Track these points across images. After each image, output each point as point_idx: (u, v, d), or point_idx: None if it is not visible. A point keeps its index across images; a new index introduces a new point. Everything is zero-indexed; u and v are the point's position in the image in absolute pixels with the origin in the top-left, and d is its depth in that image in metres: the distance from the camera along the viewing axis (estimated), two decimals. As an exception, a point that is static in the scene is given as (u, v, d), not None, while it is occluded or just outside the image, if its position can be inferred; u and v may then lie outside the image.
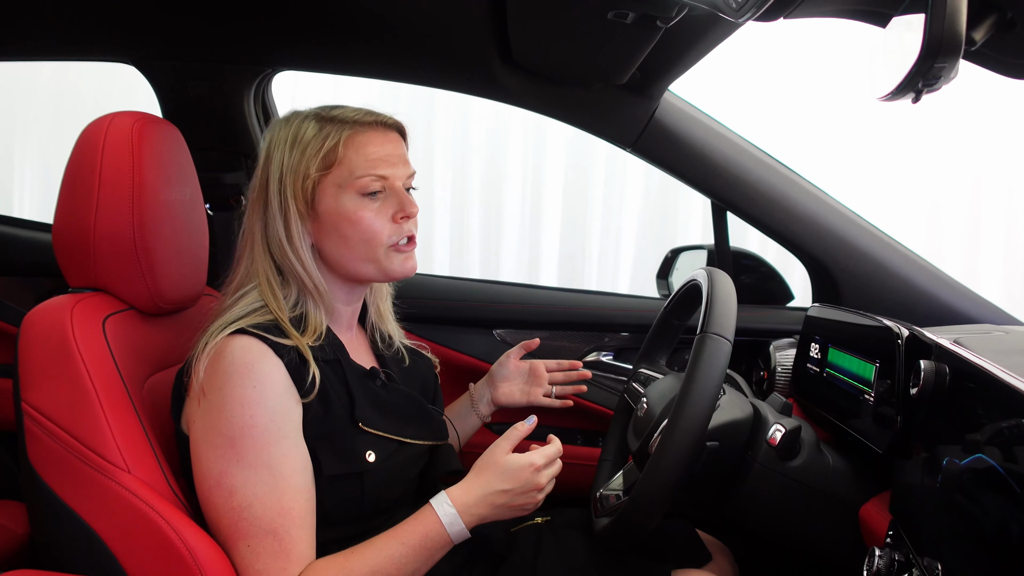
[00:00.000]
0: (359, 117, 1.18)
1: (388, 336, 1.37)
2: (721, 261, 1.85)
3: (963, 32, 0.74)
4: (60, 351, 1.08)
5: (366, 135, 1.17)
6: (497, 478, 1.14)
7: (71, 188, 1.17)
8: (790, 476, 1.21)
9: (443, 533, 1.12)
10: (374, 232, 1.16)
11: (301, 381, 1.09)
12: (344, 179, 1.15)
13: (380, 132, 1.19)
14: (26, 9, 1.60)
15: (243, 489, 1.05)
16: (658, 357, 1.51)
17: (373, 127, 1.18)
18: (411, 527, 1.13)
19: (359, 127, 1.17)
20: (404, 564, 1.10)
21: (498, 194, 3.42)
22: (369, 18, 1.54)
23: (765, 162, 1.72)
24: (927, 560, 0.95)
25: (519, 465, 1.14)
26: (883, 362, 1.21)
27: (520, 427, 1.21)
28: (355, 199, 1.15)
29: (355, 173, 1.15)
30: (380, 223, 1.16)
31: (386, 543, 1.11)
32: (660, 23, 1.17)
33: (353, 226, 1.15)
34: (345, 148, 1.15)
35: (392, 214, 1.17)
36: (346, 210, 1.15)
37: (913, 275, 1.70)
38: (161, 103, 1.84)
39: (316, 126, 1.16)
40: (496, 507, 1.14)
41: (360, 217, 1.15)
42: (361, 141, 1.16)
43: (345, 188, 1.15)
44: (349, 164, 1.15)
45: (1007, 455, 0.83)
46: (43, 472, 1.06)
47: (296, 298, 1.17)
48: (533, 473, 1.15)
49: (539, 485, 1.15)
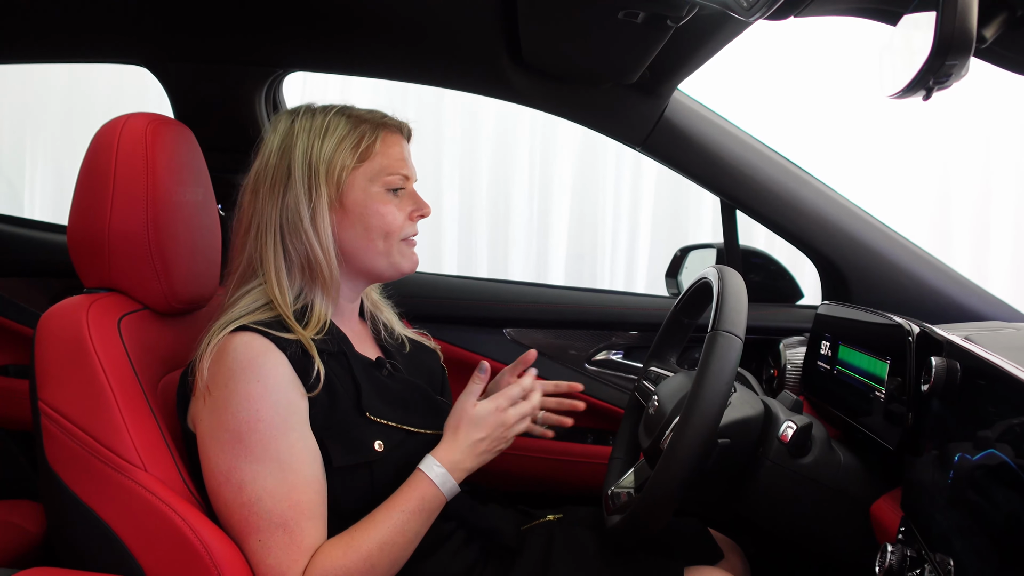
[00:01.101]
0: (383, 118, 1.25)
1: (389, 325, 1.40)
2: (731, 259, 1.86)
3: (974, 30, 0.74)
4: (76, 351, 1.09)
5: (393, 136, 1.24)
6: (472, 429, 1.20)
7: (86, 189, 1.18)
8: (801, 473, 1.21)
9: (437, 493, 1.16)
10: (395, 225, 1.22)
11: (305, 374, 1.11)
12: (375, 173, 1.20)
13: (397, 134, 1.26)
14: (39, 12, 1.61)
15: (252, 483, 1.06)
16: (668, 355, 1.52)
17: (393, 129, 1.25)
18: (407, 494, 1.15)
19: (388, 128, 1.24)
20: (407, 530, 1.13)
21: (507, 194, 3.42)
22: (379, 19, 1.55)
23: (775, 160, 1.72)
24: (939, 556, 0.96)
25: (487, 411, 1.21)
26: (894, 359, 1.21)
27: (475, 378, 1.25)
28: (383, 193, 1.21)
29: (387, 170, 1.21)
30: (400, 218, 1.23)
31: (386, 514, 1.13)
32: (670, 23, 1.17)
33: (380, 217, 1.21)
34: (382, 145, 1.21)
35: (410, 212, 1.25)
36: (376, 203, 1.20)
37: (923, 272, 1.70)
38: (173, 105, 1.85)
39: (347, 121, 1.20)
40: (479, 455, 1.20)
41: (387, 211, 1.21)
42: (391, 141, 1.23)
43: (375, 182, 1.20)
44: (381, 161, 1.21)
45: (1019, 451, 0.83)
46: (60, 471, 1.07)
47: (300, 289, 1.19)
48: (500, 414, 1.21)
49: (508, 423, 1.22)
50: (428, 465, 1.17)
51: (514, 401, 1.23)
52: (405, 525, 1.13)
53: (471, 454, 1.19)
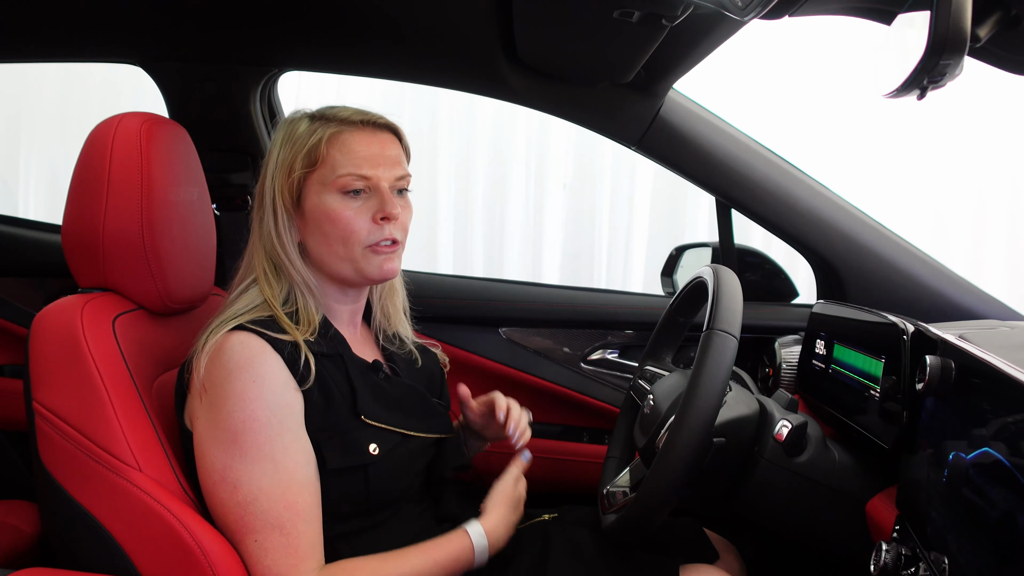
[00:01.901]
0: (349, 116, 1.20)
1: (397, 337, 1.37)
2: (726, 258, 1.86)
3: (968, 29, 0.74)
4: (71, 351, 1.08)
5: (352, 134, 1.18)
6: (511, 509, 1.29)
7: (80, 189, 1.18)
8: (797, 472, 1.22)
9: (471, 559, 1.20)
10: (352, 231, 1.16)
11: (300, 375, 1.11)
12: (327, 177, 1.16)
13: (369, 132, 1.20)
14: (34, 11, 1.61)
15: (248, 483, 1.06)
16: (664, 354, 1.52)
17: (361, 127, 1.19)
18: (444, 547, 1.18)
19: (346, 126, 1.18)
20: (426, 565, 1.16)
21: (503, 193, 3.42)
22: (374, 18, 1.55)
23: (770, 159, 1.73)
24: (934, 554, 0.96)
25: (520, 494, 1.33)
26: (889, 358, 1.22)
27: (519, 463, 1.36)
28: (336, 197, 1.16)
29: (337, 171, 1.16)
30: (359, 222, 1.17)
31: (419, 557, 1.15)
32: (665, 22, 1.17)
33: (333, 224, 1.16)
34: (328, 146, 1.16)
35: (372, 214, 1.17)
36: (327, 208, 1.16)
37: (918, 271, 1.71)
38: (168, 104, 1.84)
39: (307, 124, 1.18)
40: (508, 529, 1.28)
41: (339, 215, 1.16)
42: (346, 140, 1.17)
43: (328, 186, 1.16)
44: (332, 162, 1.16)
45: (1013, 449, 0.83)
46: (55, 470, 1.07)
47: (288, 293, 1.19)
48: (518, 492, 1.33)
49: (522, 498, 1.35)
50: (475, 531, 1.21)
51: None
52: (431, 571, 1.15)
53: (505, 529, 1.27)
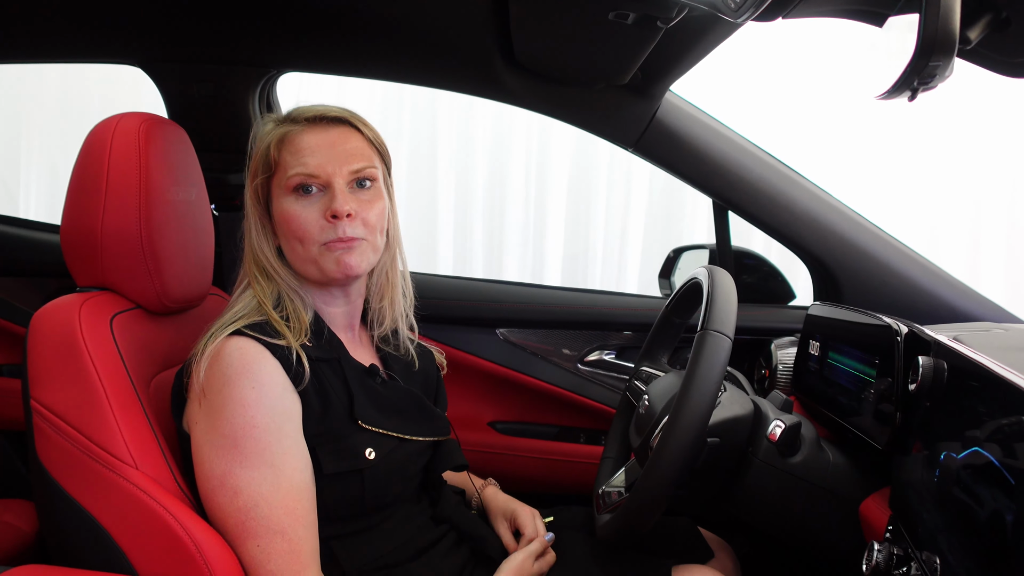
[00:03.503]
0: (301, 115, 1.19)
1: (393, 337, 1.36)
2: (723, 260, 1.86)
3: (957, 31, 0.75)
4: (68, 349, 1.09)
5: (301, 134, 1.17)
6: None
7: (79, 188, 1.18)
8: (791, 472, 1.22)
9: None
10: (304, 231, 1.15)
11: (298, 380, 1.11)
12: (281, 180, 1.16)
13: (319, 128, 1.18)
14: (33, 12, 1.61)
15: (247, 489, 1.06)
16: (660, 355, 1.52)
17: (311, 124, 1.18)
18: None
19: (296, 125, 1.18)
20: None
21: (502, 194, 3.43)
22: (372, 20, 1.55)
23: (766, 161, 1.73)
24: (925, 554, 0.96)
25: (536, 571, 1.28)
26: (883, 359, 1.22)
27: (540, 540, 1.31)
28: (290, 199, 1.16)
29: (287, 172, 1.16)
30: (310, 222, 1.15)
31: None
32: (660, 23, 1.18)
33: (288, 225, 1.16)
34: (278, 150, 1.17)
35: (323, 212, 1.14)
36: (283, 210, 1.16)
37: (914, 273, 1.71)
38: (167, 104, 1.85)
39: (268, 129, 1.19)
40: None
41: (291, 216, 1.15)
42: (293, 140, 1.17)
43: (283, 189, 1.16)
44: (284, 164, 1.16)
45: (1004, 450, 0.84)
46: (52, 469, 1.07)
47: (278, 297, 1.19)
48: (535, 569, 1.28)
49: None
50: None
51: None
52: None
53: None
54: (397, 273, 1.32)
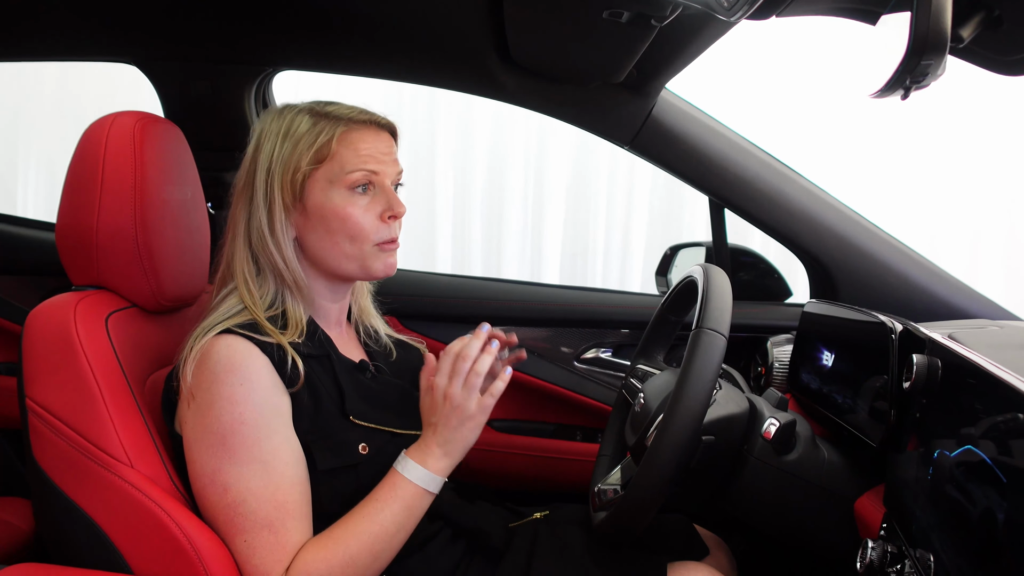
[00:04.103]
0: (354, 115, 1.19)
1: (374, 331, 1.38)
2: (719, 258, 1.87)
3: (948, 29, 0.75)
4: (64, 348, 1.09)
5: (359, 132, 1.18)
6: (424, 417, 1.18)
7: (74, 187, 1.18)
8: (786, 470, 1.22)
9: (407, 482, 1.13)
10: (361, 228, 1.17)
11: (287, 377, 1.11)
12: (335, 174, 1.16)
13: (373, 131, 1.20)
14: (29, 10, 1.62)
15: (237, 485, 1.06)
16: (656, 353, 1.53)
17: (367, 125, 1.20)
18: (381, 487, 1.14)
19: (353, 124, 1.18)
20: (384, 522, 1.12)
21: (500, 193, 3.43)
22: (368, 18, 1.56)
23: (762, 159, 1.73)
24: (919, 552, 0.96)
25: (423, 394, 1.18)
26: (878, 357, 1.22)
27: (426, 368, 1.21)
28: (344, 194, 1.17)
29: (346, 168, 1.16)
30: (368, 220, 1.18)
31: (363, 510, 1.13)
32: (654, 22, 1.18)
33: (342, 221, 1.17)
34: (339, 144, 1.16)
35: (380, 212, 1.19)
36: (335, 205, 1.16)
37: (910, 271, 1.71)
38: (163, 103, 1.85)
39: (310, 120, 1.17)
40: (443, 441, 1.15)
41: (349, 213, 1.17)
42: (354, 138, 1.18)
43: (335, 183, 1.16)
44: (341, 160, 1.16)
45: (998, 448, 0.84)
46: (47, 467, 1.08)
47: (274, 295, 1.18)
48: (436, 392, 1.16)
49: (451, 394, 1.15)
50: (399, 459, 1.16)
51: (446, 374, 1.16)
52: (382, 517, 1.11)
53: (431, 440, 1.16)
54: None
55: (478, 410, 1.16)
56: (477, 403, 1.16)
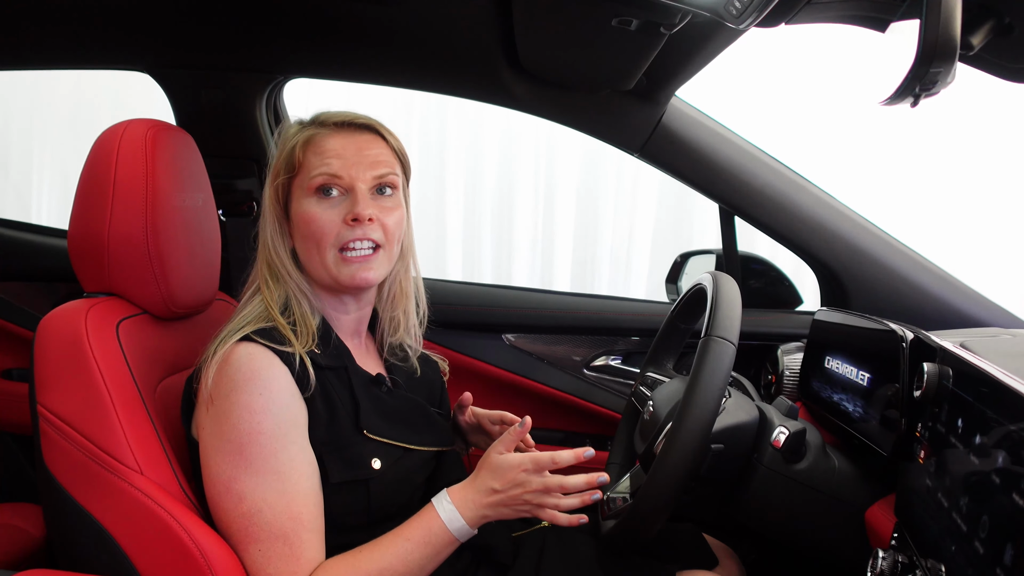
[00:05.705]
0: (328, 119, 1.20)
1: (400, 349, 1.36)
2: (729, 265, 1.86)
3: (957, 37, 0.75)
4: (75, 355, 1.10)
5: (327, 137, 1.18)
6: (490, 476, 1.13)
7: (86, 194, 1.19)
8: (796, 479, 1.22)
9: (444, 529, 1.12)
10: (322, 232, 1.15)
11: (305, 387, 1.11)
12: (304, 180, 1.17)
13: (346, 133, 1.19)
14: (44, 19, 1.63)
15: (252, 495, 1.06)
16: (665, 360, 1.52)
17: (338, 129, 1.19)
18: (415, 523, 1.13)
19: (323, 128, 1.19)
20: (409, 560, 1.11)
21: (511, 200, 3.43)
22: (378, 26, 1.56)
23: (772, 166, 1.73)
24: (930, 562, 0.96)
25: (508, 465, 1.12)
26: (889, 365, 1.22)
27: (514, 429, 1.17)
28: (312, 200, 1.17)
29: (311, 173, 1.16)
30: (329, 224, 1.15)
31: (392, 540, 1.12)
32: (663, 30, 1.18)
33: (307, 225, 1.16)
34: (303, 151, 1.17)
35: (344, 215, 1.15)
36: (303, 210, 1.17)
37: (921, 279, 1.70)
38: (175, 111, 1.86)
39: (293, 130, 1.20)
40: (492, 505, 1.13)
41: (311, 216, 1.16)
42: (318, 141, 1.18)
43: (305, 190, 1.17)
44: (308, 165, 1.17)
45: (1010, 458, 0.83)
46: (58, 474, 1.08)
47: (286, 301, 1.19)
48: (522, 473, 1.12)
49: (528, 487, 1.12)
50: (439, 499, 1.14)
51: (541, 469, 1.12)
52: (409, 554, 1.11)
53: (483, 500, 1.13)
54: (410, 282, 1.33)
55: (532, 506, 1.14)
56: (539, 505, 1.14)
